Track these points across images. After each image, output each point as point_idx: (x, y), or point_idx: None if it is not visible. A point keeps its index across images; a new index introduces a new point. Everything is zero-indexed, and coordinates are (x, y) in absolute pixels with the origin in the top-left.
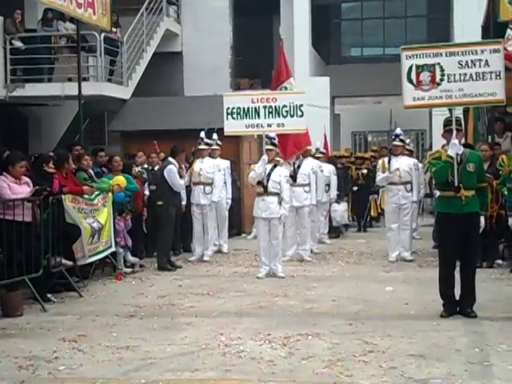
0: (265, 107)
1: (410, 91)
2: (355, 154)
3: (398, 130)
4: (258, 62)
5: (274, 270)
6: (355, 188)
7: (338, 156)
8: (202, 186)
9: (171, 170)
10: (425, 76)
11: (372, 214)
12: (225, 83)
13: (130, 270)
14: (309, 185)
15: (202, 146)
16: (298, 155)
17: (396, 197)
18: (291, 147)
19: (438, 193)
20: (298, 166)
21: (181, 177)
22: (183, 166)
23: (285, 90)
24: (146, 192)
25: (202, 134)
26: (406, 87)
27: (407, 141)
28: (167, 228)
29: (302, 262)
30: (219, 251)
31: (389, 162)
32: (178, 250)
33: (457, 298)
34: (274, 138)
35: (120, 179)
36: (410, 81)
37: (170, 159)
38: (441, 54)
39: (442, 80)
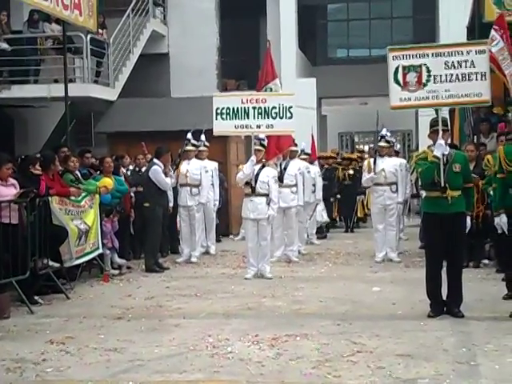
0: (254, 108)
1: (397, 92)
2: (342, 154)
3: (384, 131)
4: (244, 63)
5: (261, 270)
6: (338, 195)
7: (324, 157)
8: (188, 188)
9: (156, 171)
10: (411, 77)
11: (359, 214)
12: (212, 84)
13: (117, 271)
14: (296, 186)
15: (189, 148)
16: (279, 156)
17: (381, 197)
18: (273, 148)
19: (424, 193)
20: (285, 168)
21: (167, 176)
22: (169, 166)
23: (270, 91)
24: (132, 194)
25: (189, 136)
26: (392, 88)
27: (394, 141)
28: (154, 229)
29: (289, 262)
30: (207, 252)
31: (374, 162)
32: (166, 252)
33: (444, 298)
34: (264, 139)
35: (107, 181)
36: (397, 82)
37: (155, 160)
38: (427, 55)
39: (428, 81)
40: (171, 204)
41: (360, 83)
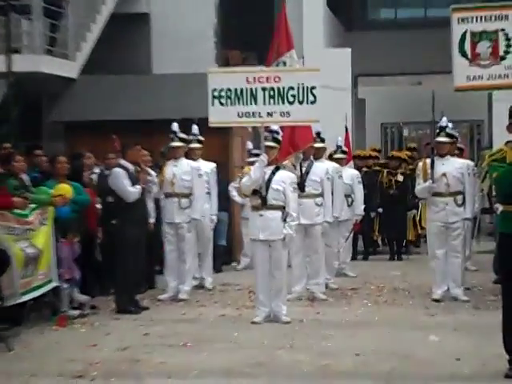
0: (264, 89)
1: (463, 68)
2: (387, 153)
3: (445, 121)
4: (253, 28)
5: (275, 312)
6: (380, 209)
7: (362, 156)
8: (176, 199)
9: (114, 175)
10: (483, 47)
11: (410, 237)
12: (208, 57)
13: (77, 312)
14: (322, 195)
15: (176, 144)
16: (298, 156)
17: (442, 213)
18: (285, 145)
19: (500, 207)
20: (307, 171)
21: (135, 182)
22: (145, 167)
23: (283, 65)
24: (98, 206)
25: (175, 127)
26: (457, 62)
27: (457, 135)
28: (123, 254)
29: (313, 301)
30: (201, 286)
31: (432, 164)
32: (144, 286)
33: None
34: (277, 132)
35: (65, 188)
36: (464, 54)
37: (121, 161)
38: (506, 17)
39: (507, 53)
40: (152, 220)
41: (411, 56)
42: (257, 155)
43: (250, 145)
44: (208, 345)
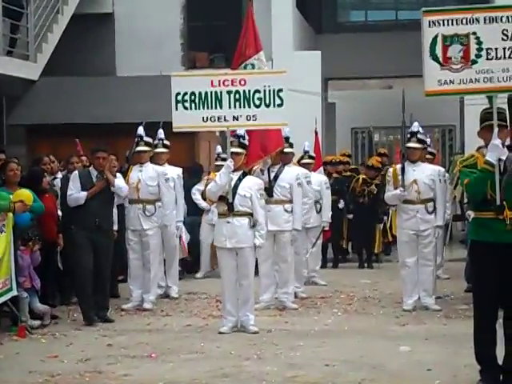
0: (230, 93)
1: (435, 72)
2: (357, 158)
3: (416, 126)
4: (221, 29)
5: (243, 321)
6: (350, 216)
7: (332, 161)
8: (141, 205)
9: (70, 179)
10: (455, 51)
11: (376, 249)
12: (174, 58)
13: (38, 322)
14: (291, 202)
15: (141, 148)
16: (266, 161)
17: (413, 220)
18: (255, 150)
19: (472, 214)
20: (276, 176)
21: (87, 188)
22: (107, 172)
23: (251, 68)
24: (60, 212)
25: (140, 131)
26: (428, 66)
27: (428, 141)
28: (75, 261)
29: (282, 310)
30: (166, 295)
31: (402, 171)
32: None
33: (500, 361)
34: (244, 137)
35: (25, 194)
36: (435, 57)
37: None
38: (477, 20)
39: (478, 56)
40: (115, 227)
41: (382, 59)
42: (225, 159)
43: (218, 148)
44: (173, 355)
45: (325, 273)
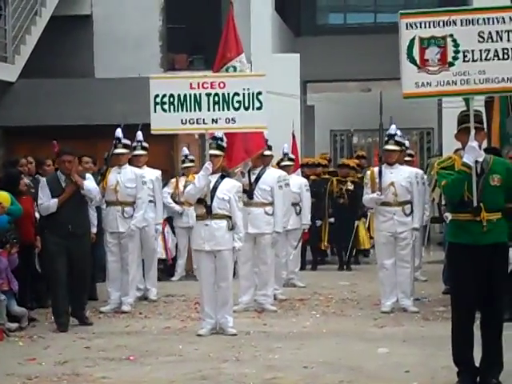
0: (208, 95)
1: (412, 74)
2: (336, 160)
3: (394, 129)
4: (200, 31)
5: (221, 324)
6: (331, 219)
7: (310, 164)
8: (119, 207)
9: (39, 187)
10: (432, 53)
11: (361, 245)
12: (153, 60)
13: (15, 325)
14: (271, 204)
15: (119, 150)
16: (247, 162)
17: (390, 222)
18: (239, 151)
19: (449, 216)
20: (257, 178)
21: (58, 194)
22: (75, 177)
23: (233, 70)
24: (37, 214)
25: (119, 133)
26: (406, 68)
27: (406, 143)
28: (49, 269)
29: (261, 312)
30: (145, 298)
31: (380, 173)
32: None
33: (477, 363)
34: (222, 139)
35: (2, 196)
36: (412, 60)
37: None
38: (454, 23)
39: (455, 59)
40: (94, 230)
41: (361, 62)
42: (192, 161)
43: (185, 150)
44: (152, 358)
45: (304, 275)
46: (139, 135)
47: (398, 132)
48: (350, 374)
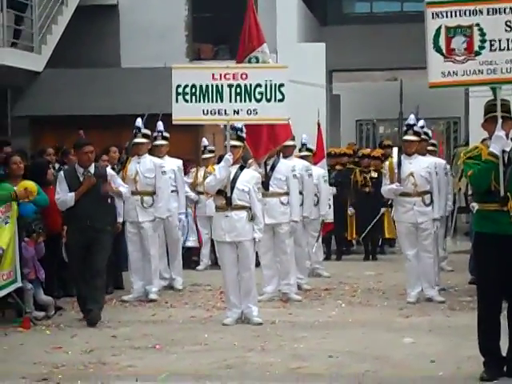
0: (231, 86)
1: (438, 63)
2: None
3: (412, 119)
4: (225, 21)
5: (246, 313)
6: (351, 209)
7: (336, 154)
8: (138, 197)
9: (57, 180)
10: (458, 42)
11: (386, 235)
12: (179, 50)
13: (42, 313)
14: (287, 194)
15: (139, 140)
16: (272, 153)
17: (410, 213)
18: (265, 142)
19: (476, 206)
20: (272, 168)
21: (75, 188)
22: (86, 169)
23: (256, 61)
24: None
25: (139, 123)
26: (432, 58)
27: (430, 133)
28: (68, 264)
29: (286, 302)
30: (170, 287)
31: (399, 164)
32: (110, 287)
33: (503, 353)
34: (242, 130)
35: (28, 184)
36: (438, 49)
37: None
38: (481, 12)
39: (482, 48)
40: (120, 219)
41: (387, 51)
42: (211, 151)
43: (205, 141)
44: (177, 347)
45: (329, 265)
46: (160, 125)
47: (421, 122)
48: (375, 364)
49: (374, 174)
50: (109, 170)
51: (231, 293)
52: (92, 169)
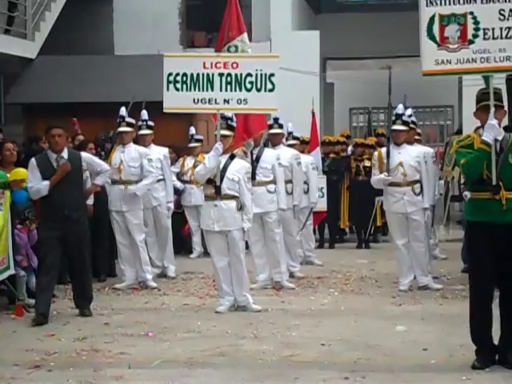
0: (221, 75)
1: (432, 51)
2: (354, 139)
3: (401, 108)
4: (220, 8)
5: (241, 302)
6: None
7: (330, 142)
8: (123, 186)
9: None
10: (452, 30)
11: (378, 222)
12: (172, 38)
13: (35, 301)
14: (273, 182)
15: (123, 128)
16: (250, 143)
17: (401, 203)
18: (239, 132)
19: (468, 195)
20: (257, 157)
21: (49, 176)
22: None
23: (235, 50)
24: None
25: (123, 111)
26: (425, 46)
27: (415, 122)
28: (40, 258)
29: (279, 290)
30: (163, 275)
31: (388, 154)
32: (104, 274)
33: (495, 342)
34: (232, 119)
35: (21, 172)
36: (432, 37)
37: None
38: (475, 0)
39: (475, 36)
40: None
41: (381, 39)
42: (198, 140)
43: (192, 130)
44: (170, 334)
45: (322, 253)
46: (144, 114)
47: (409, 111)
48: (367, 352)
49: (368, 163)
50: (83, 154)
51: (223, 281)
52: (65, 154)
